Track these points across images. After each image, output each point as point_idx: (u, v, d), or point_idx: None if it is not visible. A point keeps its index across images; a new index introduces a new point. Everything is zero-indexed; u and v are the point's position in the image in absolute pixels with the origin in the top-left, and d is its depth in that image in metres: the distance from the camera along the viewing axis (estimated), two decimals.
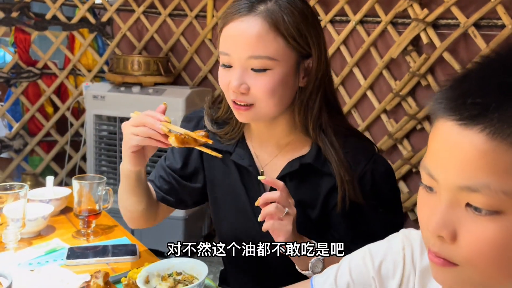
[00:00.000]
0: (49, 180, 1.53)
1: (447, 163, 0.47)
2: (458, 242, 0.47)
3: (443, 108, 0.47)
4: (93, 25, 2.80)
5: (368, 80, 2.26)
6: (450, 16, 2.01)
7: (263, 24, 0.86)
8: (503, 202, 0.44)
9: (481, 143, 0.44)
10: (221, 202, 1.08)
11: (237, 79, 0.88)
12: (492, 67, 0.47)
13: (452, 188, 0.47)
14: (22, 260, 1.11)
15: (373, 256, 0.67)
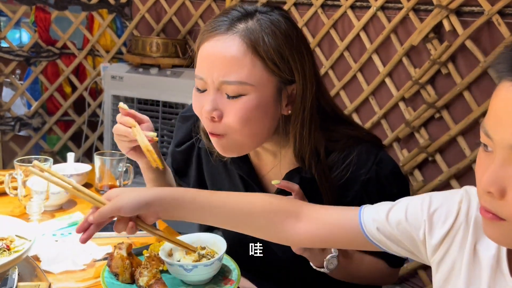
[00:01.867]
0: (70, 156, 1.56)
1: (503, 123, 0.48)
2: (506, 198, 0.49)
3: (503, 69, 0.49)
4: (112, 6, 2.81)
5: (387, 67, 2.24)
6: (474, 3, 1.97)
7: (241, 44, 0.78)
8: None
9: None
10: None
11: (210, 104, 0.81)
12: None
13: (505, 146, 0.49)
14: (46, 231, 1.14)
15: (431, 201, 0.68)
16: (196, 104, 0.86)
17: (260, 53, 0.79)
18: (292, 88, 0.84)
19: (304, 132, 0.86)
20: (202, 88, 0.84)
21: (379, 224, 0.71)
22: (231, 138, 0.84)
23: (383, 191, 0.89)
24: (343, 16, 2.33)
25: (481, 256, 0.61)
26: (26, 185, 1.22)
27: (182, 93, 2.37)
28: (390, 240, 0.71)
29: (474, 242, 0.63)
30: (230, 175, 1.02)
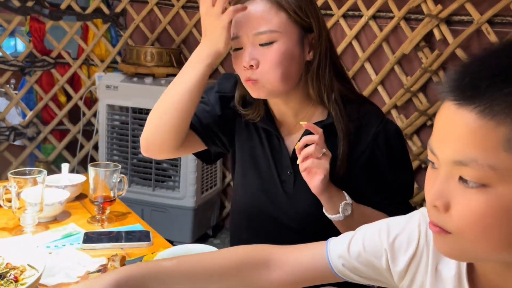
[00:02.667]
0: (65, 167, 1.56)
1: (444, 140, 0.52)
2: (450, 212, 0.52)
3: (445, 89, 0.51)
4: (107, 15, 2.82)
5: (379, 75, 2.26)
6: (464, 12, 2.00)
7: (266, 3, 0.96)
8: (489, 176, 0.49)
9: (472, 121, 0.49)
10: (246, 165, 1.14)
11: (248, 55, 0.96)
12: (491, 52, 0.52)
13: (448, 162, 0.52)
14: (40, 243, 1.15)
15: (390, 230, 0.70)
16: (236, 61, 1.00)
17: (283, 7, 0.96)
18: (311, 37, 1.00)
19: (324, 73, 1.01)
20: (238, 46, 0.99)
21: (344, 261, 0.72)
22: (265, 80, 0.97)
23: (389, 145, 1.02)
24: (336, 25, 2.36)
25: (443, 276, 0.62)
26: (20, 197, 1.23)
27: None
28: (355, 274, 0.72)
29: (435, 263, 0.64)
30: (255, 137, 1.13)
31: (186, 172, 2.41)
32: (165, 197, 2.49)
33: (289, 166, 1.07)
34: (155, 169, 2.49)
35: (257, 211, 1.12)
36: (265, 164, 1.11)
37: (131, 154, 2.52)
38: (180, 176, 2.44)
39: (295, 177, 1.06)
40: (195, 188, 2.43)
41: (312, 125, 0.95)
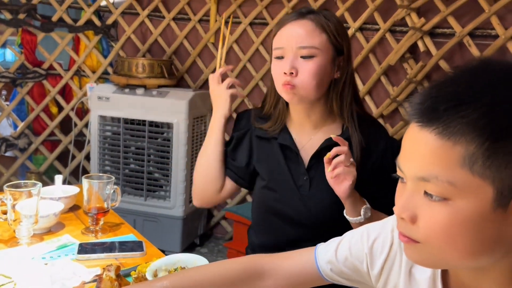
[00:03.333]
0: (58, 179, 1.58)
1: (410, 158, 0.57)
2: (417, 224, 0.57)
3: (411, 112, 0.57)
4: (98, 27, 2.86)
5: (366, 85, 2.32)
6: (446, 25, 2.07)
7: (312, 23, 1.14)
8: (449, 191, 0.53)
9: (432, 141, 0.54)
10: (267, 177, 1.30)
11: (289, 64, 1.13)
12: (448, 79, 0.57)
13: (413, 178, 0.57)
14: (35, 254, 1.17)
15: (369, 234, 0.75)
16: (276, 69, 1.18)
17: (325, 29, 1.14)
18: (340, 59, 1.18)
19: (347, 92, 1.19)
20: (280, 55, 1.16)
21: (332, 266, 0.78)
22: (302, 87, 1.14)
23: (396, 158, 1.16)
24: None
25: (417, 279, 0.67)
26: (15, 209, 1.25)
27: (168, 113, 2.42)
28: (342, 278, 0.78)
29: (409, 267, 0.69)
30: (273, 152, 1.30)
31: (177, 181, 2.44)
32: (156, 207, 2.52)
33: (305, 173, 1.23)
34: (147, 179, 2.51)
35: (275, 212, 1.27)
36: (282, 173, 1.26)
37: (123, 165, 2.54)
38: (171, 186, 2.47)
39: (310, 182, 1.23)
40: (184, 197, 2.45)
41: (340, 138, 1.09)
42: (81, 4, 2.82)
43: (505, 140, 0.51)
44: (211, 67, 2.71)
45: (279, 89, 1.19)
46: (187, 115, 2.40)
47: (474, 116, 0.51)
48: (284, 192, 1.25)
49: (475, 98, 0.52)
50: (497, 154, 0.51)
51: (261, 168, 1.31)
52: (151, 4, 2.76)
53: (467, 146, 0.52)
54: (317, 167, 1.22)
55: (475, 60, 0.58)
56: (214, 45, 2.71)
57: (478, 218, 0.53)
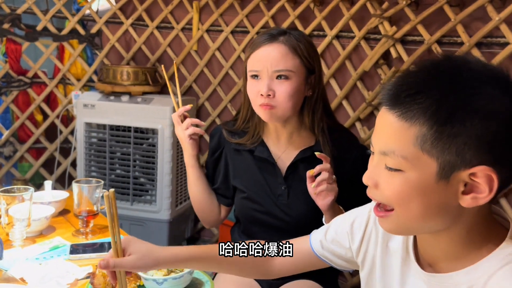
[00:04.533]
0: (48, 184, 1.65)
1: (377, 135, 0.70)
2: (379, 188, 0.70)
3: (382, 97, 0.69)
4: (83, 36, 2.91)
5: (343, 90, 2.43)
6: (416, 33, 2.19)
7: (285, 47, 1.23)
8: (403, 164, 0.66)
9: (394, 122, 0.66)
10: (245, 189, 1.38)
11: (266, 86, 1.22)
12: (410, 72, 0.69)
13: (378, 152, 0.70)
14: (29, 255, 1.23)
15: (350, 216, 0.90)
16: (253, 88, 1.26)
17: (298, 53, 1.23)
18: (312, 78, 1.28)
19: (317, 107, 1.29)
20: (256, 74, 1.25)
21: (323, 245, 0.93)
22: (279, 107, 1.24)
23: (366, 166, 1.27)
24: None
25: (392, 250, 0.80)
26: (8, 214, 1.31)
27: (152, 119, 2.48)
28: (332, 255, 0.92)
29: (386, 241, 0.82)
30: (249, 164, 1.38)
31: (162, 185, 2.50)
32: (142, 211, 2.57)
33: (283, 183, 1.33)
34: (133, 184, 2.57)
35: (257, 221, 1.36)
36: (261, 184, 1.35)
37: (109, 170, 2.59)
38: (156, 190, 2.53)
39: (288, 191, 1.32)
40: (170, 201, 2.52)
41: (323, 155, 1.19)
42: (65, 14, 2.87)
43: (450, 125, 0.62)
44: (194, 73, 2.79)
45: (256, 109, 1.27)
46: (171, 121, 2.45)
47: (427, 103, 0.62)
48: (264, 202, 1.34)
49: (429, 89, 0.63)
50: (442, 136, 0.62)
51: (239, 182, 1.39)
52: (134, 13, 2.82)
53: (420, 128, 0.63)
54: (293, 177, 1.32)
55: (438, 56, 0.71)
56: (197, 53, 2.78)
57: (424, 186, 0.65)
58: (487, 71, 0.65)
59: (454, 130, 0.61)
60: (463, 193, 0.64)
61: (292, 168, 1.33)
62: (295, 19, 2.49)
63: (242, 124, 1.39)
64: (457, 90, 0.62)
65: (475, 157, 0.62)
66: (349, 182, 1.26)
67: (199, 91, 2.80)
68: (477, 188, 0.64)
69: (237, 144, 1.38)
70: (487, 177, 0.63)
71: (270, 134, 1.36)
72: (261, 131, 1.37)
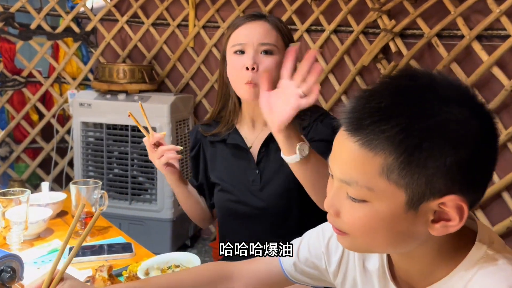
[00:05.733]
0: (45, 186, 1.61)
1: (336, 161, 0.64)
2: (341, 218, 0.64)
3: (341, 119, 0.62)
4: (77, 34, 2.87)
5: (342, 85, 2.40)
6: (416, 26, 2.17)
7: (268, 24, 1.23)
8: (368, 195, 0.60)
9: (355, 150, 0.59)
10: (220, 180, 1.34)
11: (251, 59, 1.18)
12: (373, 92, 0.61)
13: (337, 179, 0.63)
14: (27, 259, 1.20)
15: (324, 233, 0.82)
16: (236, 64, 1.21)
17: (280, 29, 1.23)
18: None
19: None
20: (241, 49, 1.21)
21: (295, 266, 0.85)
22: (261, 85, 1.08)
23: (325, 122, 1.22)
24: (300, 39, 2.49)
25: (370, 270, 0.75)
26: (5, 217, 1.28)
27: (150, 117, 2.43)
28: (305, 276, 0.85)
29: (362, 260, 0.76)
30: (223, 154, 1.34)
31: (163, 184, 2.47)
32: (142, 210, 2.55)
33: (256, 167, 1.28)
34: (131, 183, 2.54)
35: (232, 213, 1.33)
36: (234, 172, 1.31)
37: (106, 170, 2.56)
38: (157, 189, 2.50)
39: (261, 175, 1.28)
40: (172, 200, 2.49)
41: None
42: (59, 12, 2.83)
43: (418, 154, 0.57)
44: (191, 70, 2.76)
45: (240, 87, 1.22)
46: (169, 119, 2.44)
47: (393, 132, 0.57)
48: (238, 191, 1.30)
49: (395, 116, 0.57)
50: (410, 166, 0.57)
51: (214, 175, 1.36)
52: (129, 10, 2.79)
53: (386, 158, 0.58)
54: (266, 159, 1.27)
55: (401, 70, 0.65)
56: (193, 50, 2.75)
57: (392, 218, 0.60)
58: (454, 91, 0.60)
59: (422, 159, 0.57)
60: (433, 222, 0.61)
61: (264, 151, 1.27)
62: (292, 14, 2.46)
63: (216, 114, 1.36)
64: (424, 116, 0.57)
65: (444, 186, 0.58)
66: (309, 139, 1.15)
67: (197, 88, 2.78)
68: (446, 215, 0.60)
69: (212, 136, 1.35)
70: (457, 206, 0.59)
71: (245, 119, 1.32)
72: (235, 118, 1.32)
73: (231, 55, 1.22)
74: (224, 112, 1.33)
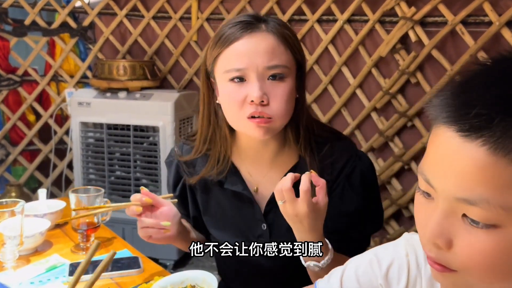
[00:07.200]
0: (42, 193, 1.48)
1: (446, 173, 0.46)
2: (453, 250, 0.48)
3: (445, 116, 0.46)
4: (74, 29, 2.73)
5: (357, 78, 2.27)
6: (437, 13, 2.03)
7: (275, 37, 0.92)
8: (500, 217, 0.44)
9: (481, 157, 0.43)
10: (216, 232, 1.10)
11: (259, 90, 0.89)
12: (494, 77, 0.46)
13: (450, 198, 0.47)
14: (23, 279, 1.08)
15: (380, 261, 0.67)
16: (236, 95, 0.91)
17: (290, 44, 0.93)
18: (300, 74, 0.98)
19: (302, 113, 0.98)
20: (240, 76, 0.91)
21: None
22: (277, 120, 0.92)
23: (364, 178, 0.99)
24: (311, 30, 2.35)
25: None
26: None
27: (153, 116, 2.33)
28: None
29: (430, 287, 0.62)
30: (219, 199, 1.07)
31: None
32: None
33: (263, 220, 1.02)
34: (134, 186, 2.42)
35: (238, 267, 1.10)
36: (235, 225, 1.05)
37: (108, 172, 2.43)
38: (161, 191, 2.38)
39: (270, 229, 1.02)
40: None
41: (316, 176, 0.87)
42: (54, 6, 2.69)
43: None
44: (195, 66, 2.62)
45: (242, 123, 0.93)
46: (173, 117, 2.31)
47: None
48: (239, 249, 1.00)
49: None
50: None
51: (208, 222, 1.10)
52: (129, 3, 2.65)
53: None
54: (276, 210, 0.95)
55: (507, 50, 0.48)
56: (197, 43, 2.61)
57: None
58: None
59: None
60: None
61: (274, 200, 0.94)
62: (302, 3, 2.32)
63: (202, 147, 1.04)
64: None
65: None
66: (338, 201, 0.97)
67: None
68: None
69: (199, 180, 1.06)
70: None
71: (245, 155, 1.03)
72: (229, 152, 1.02)
73: (225, 81, 0.93)
74: (215, 145, 1.02)
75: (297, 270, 0.92)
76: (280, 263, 1.01)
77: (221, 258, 1.17)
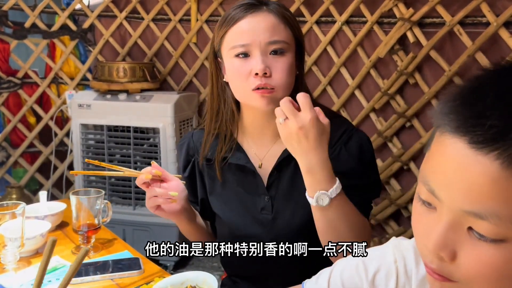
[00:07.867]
0: (43, 195, 1.49)
1: (454, 185, 0.45)
2: (457, 262, 0.46)
3: (454, 125, 0.44)
4: (74, 32, 2.74)
5: (356, 79, 2.28)
6: (435, 14, 2.04)
7: (275, 16, 1.01)
8: (510, 231, 0.43)
9: (494, 171, 0.42)
10: (220, 210, 1.14)
11: (261, 63, 0.97)
12: (505, 86, 0.44)
13: (456, 210, 0.45)
14: (23, 280, 1.08)
15: (367, 267, 0.66)
16: (241, 69, 1.00)
17: (289, 22, 1.02)
18: (299, 53, 1.06)
19: (303, 89, 1.00)
20: (244, 52, 0.99)
21: None
22: (279, 90, 0.99)
23: (363, 150, 1.04)
24: (309, 31, 2.36)
25: None
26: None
27: (153, 118, 2.34)
28: None
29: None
30: (225, 176, 1.12)
31: None
32: (147, 215, 2.43)
33: (266, 193, 1.07)
34: (134, 187, 2.42)
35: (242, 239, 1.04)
36: (238, 200, 1.10)
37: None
38: None
39: (272, 201, 1.07)
40: None
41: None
42: (54, 9, 2.70)
43: None
44: (195, 67, 2.63)
45: (248, 95, 1.00)
46: (173, 119, 2.32)
47: None
48: (243, 223, 1.09)
49: None
50: None
51: (214, 201, 1.14)
52: (128, 5, 2.66)
53: None
54: (278, 183, 1.06)
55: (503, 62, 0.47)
56: (196, 45, 2.62)
57: None
58: None
59: None
60: None
61: (276, 173, 1.06)
62: (300, 5, 2.33)
63: (212, 125, 1.11)
64: None
65: None
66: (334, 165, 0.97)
67: (200, 86, 2.65)
68: None
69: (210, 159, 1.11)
70: None
71: (248, 130, 1.10)
72: (234, 130, 1.09)
73: (230, 58, 1.01)
74: (221, 124, 1.09)
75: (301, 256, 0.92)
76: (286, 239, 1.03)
77: None
